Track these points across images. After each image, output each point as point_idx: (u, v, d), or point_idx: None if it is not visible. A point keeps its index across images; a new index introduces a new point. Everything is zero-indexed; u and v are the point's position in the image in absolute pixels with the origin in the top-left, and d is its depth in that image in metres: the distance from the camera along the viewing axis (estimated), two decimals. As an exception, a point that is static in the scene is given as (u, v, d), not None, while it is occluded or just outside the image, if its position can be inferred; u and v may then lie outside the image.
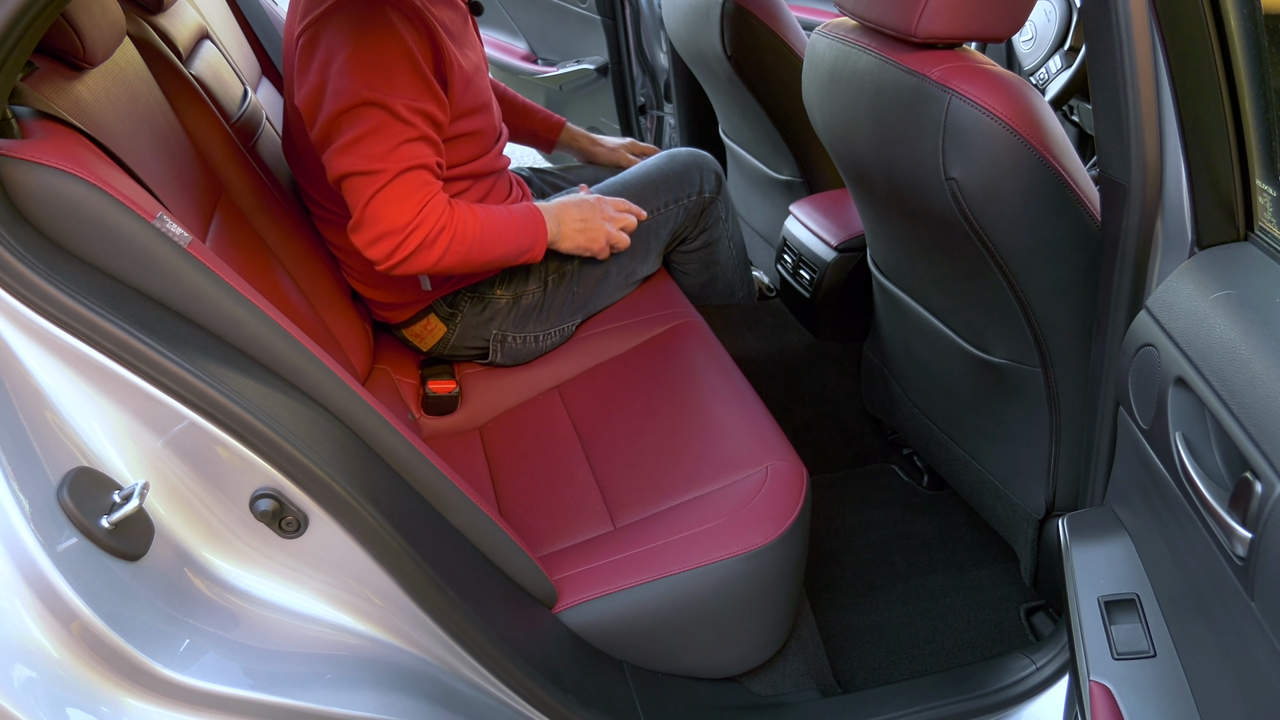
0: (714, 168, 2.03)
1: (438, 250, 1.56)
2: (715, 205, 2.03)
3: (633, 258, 1.95)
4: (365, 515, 1.06)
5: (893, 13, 1.34)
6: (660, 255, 2.03)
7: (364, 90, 1.47)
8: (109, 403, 0.97)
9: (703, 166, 2.02)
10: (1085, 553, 1.21)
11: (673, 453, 1.56)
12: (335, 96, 1.48)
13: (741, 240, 2.17)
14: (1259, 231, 1.06)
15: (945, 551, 1.87)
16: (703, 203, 2.01)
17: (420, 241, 1.53)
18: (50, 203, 0.95)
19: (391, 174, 1.49)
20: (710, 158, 2.06)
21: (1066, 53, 2.11)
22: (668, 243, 2.02)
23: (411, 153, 1.51)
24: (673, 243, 2.03)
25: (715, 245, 2.08)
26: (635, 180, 1.98)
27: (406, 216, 1.51)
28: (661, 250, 2.02)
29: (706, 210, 2.02)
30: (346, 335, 1.71)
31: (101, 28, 1.22)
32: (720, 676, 1.48)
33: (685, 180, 1.98)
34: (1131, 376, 1.13)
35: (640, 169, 2.02)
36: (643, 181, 1.97)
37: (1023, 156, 1.27)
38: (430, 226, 1.53)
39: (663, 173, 1.99)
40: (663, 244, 2.01)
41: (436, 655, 1.16)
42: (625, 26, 3.00)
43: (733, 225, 2.11)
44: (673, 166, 2.00)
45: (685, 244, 2.05)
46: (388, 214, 1.50)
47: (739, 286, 2.21)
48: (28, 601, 0.88)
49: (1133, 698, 1.07)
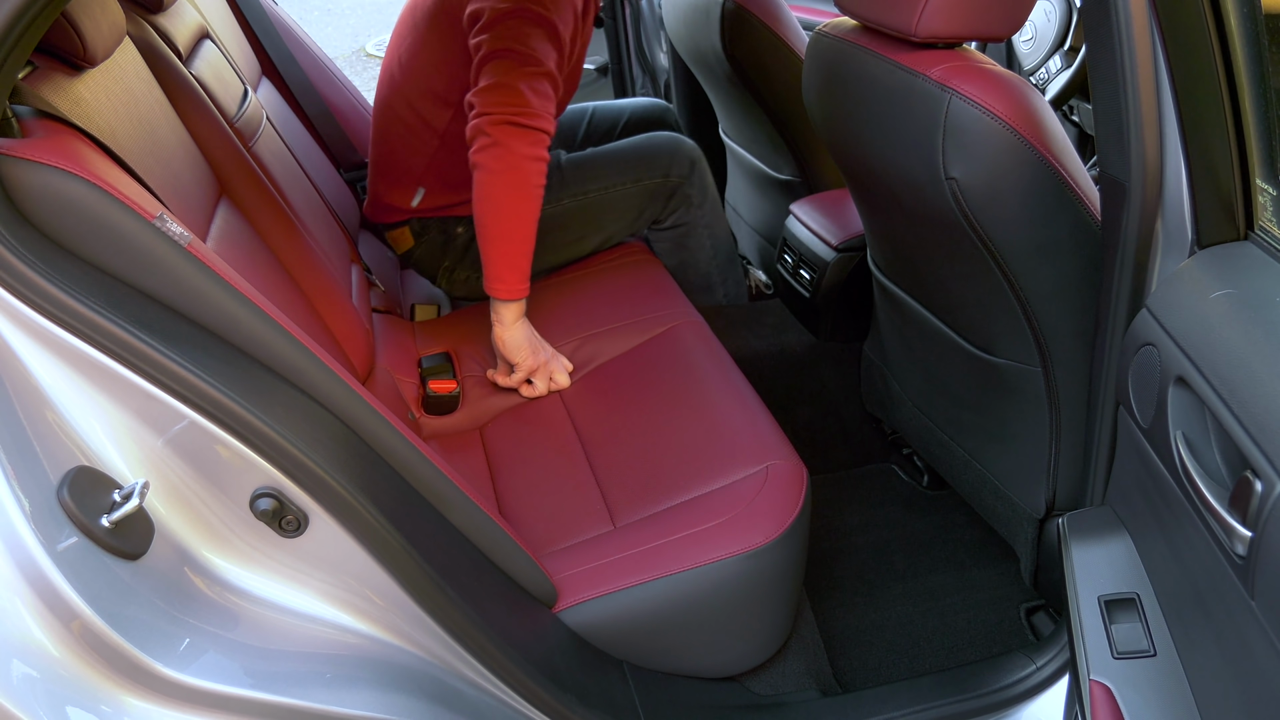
0: (690, 155, 2.09)
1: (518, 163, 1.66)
2: (684, 190, 2.10)
3: (583, 227, 2.09)
4: (365, 515, 1.06)
5: (893, 12, 1.34)
6: (624, 230, 2.14)
7: (533, 6, 1.68)
8: (109, 402, 0.97)
9: (675, 152, 2.09)
10: (1085, 552, 1.21)
11: (673, 452, 1.56)
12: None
13: (727, 239, 2.21)
14: (1259, 231, 1.06)
15: (945, 551, 1.87)
16: (668, 186, 2.08)
17: (523, 130, 1.65)
18: (50, 202, 0.95)
19: (535, 68, 1.67)
20: (690, 144, 2.12)
21: (1066, 53, 2.11)
22: (633, 221, 2.12)
23: (555, 63, 1.70)
24: (644, 221, 2.15)
25: (687, 231, 2.15)
26: (604, 152, 2.11)
27: (538, 105, 1.66)
28: (623, 227, 2.13)
29: (675, 194, 2.10)
30: (346, 335, 1.71)
31: (101, 28, 1.22)
32: (720, 676, 1.48)
33: (651, 162, 2.08)
34: (1131, 376, 1.13)
35: (617, 143, 2.15)
36: (610, 154, 2.10)
37: (1023, 156, 1.27)
38: (541, 126, 1.66)
39: (633, 150, 2.10)
40: (623, 222, 2.11)
41: (437, 655, 1.16)
42: (625, 26, 3.00)
43: (712, 218, 2.16)
44: (644, 146, 2.11)
45: (657, 224, 2.17)
46: (520, 89, 1.65)
47: (719, 283, 2.23)
48: (28, 600, 0.88)
49: (1133, 697, 1.07)
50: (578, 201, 2.07)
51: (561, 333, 1.92)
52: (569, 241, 2.11)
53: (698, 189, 2.12)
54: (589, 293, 2.07)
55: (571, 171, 2.08)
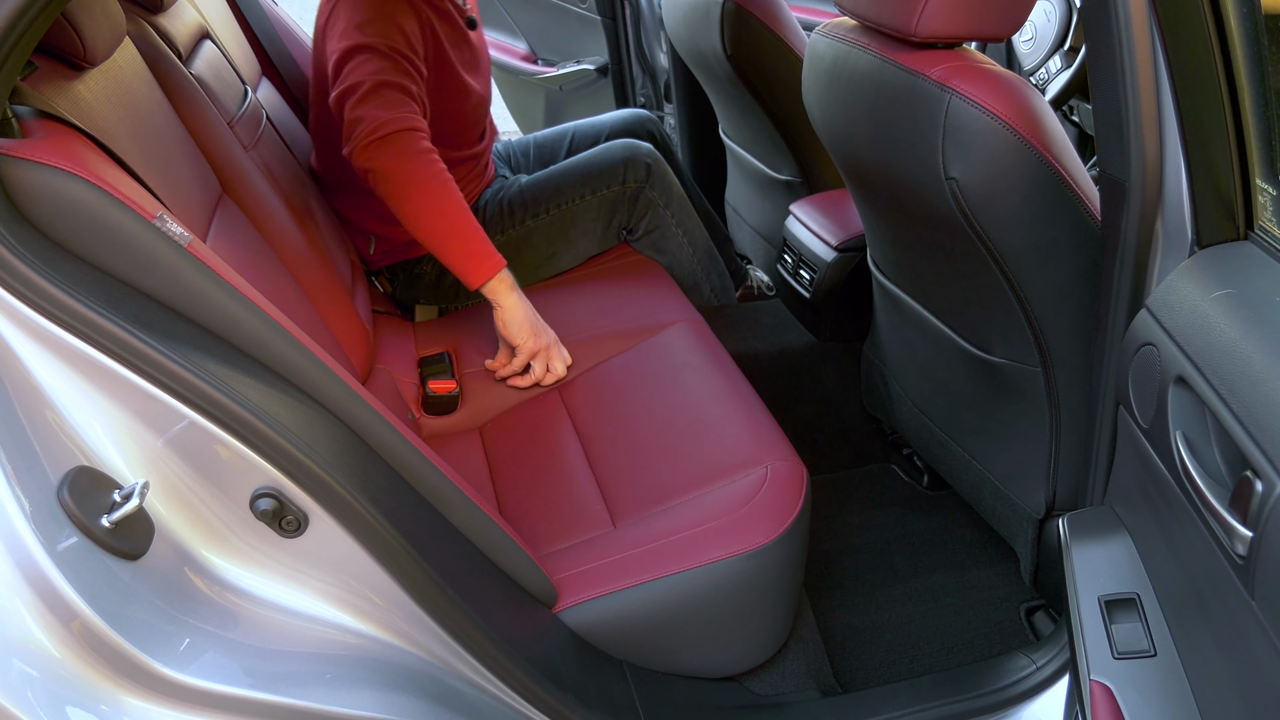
0: (644, 159, 2.13)
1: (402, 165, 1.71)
2: (646, 194, 2.14)
3: (551, 245, 2.13)
4: (365, 515, 1.06)
5: (892, 12, 1.34)
6: (595, 243, 2.17)
7: (362, 38, 1.73)
8: (109, 402, 0.97)
9: (629, 158, 2.12)
10: (1085, 552, 1.21)
11: (673, 452, 1.56)
12: (341, 41, 1.75)
13: (702, 234, 2.24)
14: (1259, 230, 1.06)
15: (945, 551, 1.87)
16: (628, 192, 2.13)
17: (388, 140, 1.69)
18: (50, 202, 0.95)
19: (373, 85, 1.72)
20: (645, 148, 2.16)
21: (1066, 53, 2.11)
22: (603, 231, 2.16)
23: (395, 73, 1.73)
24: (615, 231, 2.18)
25: (661, 234, 2.19)
26: (559, 169, 2.16)
27: (384, 114, 1.70)
28: (594, 240, 2.16)
29: (638, 199, 2.14)
30: (346, 335, 1.71)
31: (101, 28, 1.22)
32: (720, 676, 1.48)
33: (606, 172, 2.12)
34: (1131, 375, 1.13)
35: (570, 160, 2.19)
36: (566, 170, 2.15)
37: (1023, 156, 1.27)
38: (402, 133, 1.70)
39: (587, 163, 2.14)
40: (592, 235, 2.15)
41: (436, 655, 1.15)
42: (625, 26, 3.00)
43: (682, 215, 2.19)
44: (597, 158, 2.15)
45: (631, 233, 2.20)
46: (366, 113, 1.70)
47: (704, 280, 2.25)
48: (28, 600, 0.88)
49: (1133, 697, 1.07)
50: (540, 221, 2.12)
51: (561, 333, 1.92)
52: (540, 261, 2.14)
53: (660, 190, 2.15)
54: (588, 293, 2.07)
55: (531, 193, 2.12)
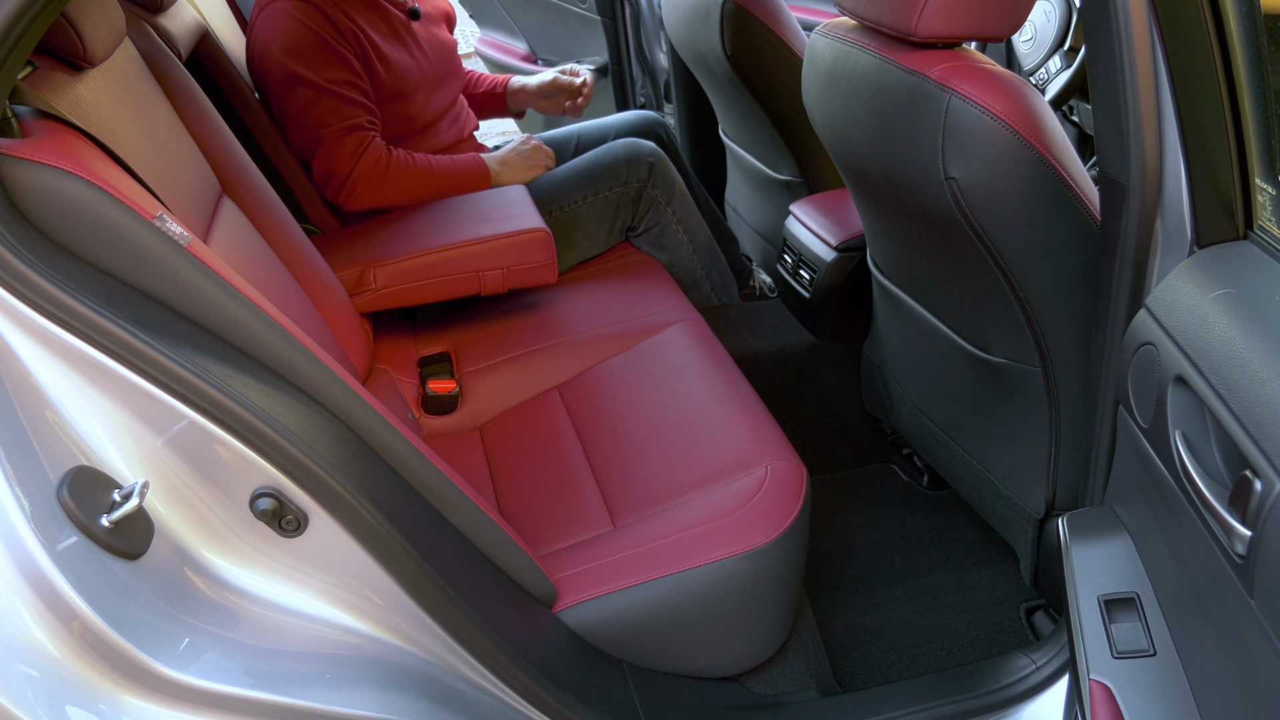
0: (647, 157, 2.14)
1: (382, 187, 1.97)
2: (649, 193, 2.16)
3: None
4: (365, 514, 1.06)
5: (892, 12, 1.34)
6: (599, 243, 2.20)
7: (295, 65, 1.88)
8: (109, 402, 0.97)
9: (632, 158, 2.14)
10: (1085, 552, 1.21)
11: (673, 452, 1.56)
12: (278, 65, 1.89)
13: (703, 231, 2.24)
14: (1258, 230, 1.06)
15: (945, 551, 1.87)
16: (631, 192, 2.14)
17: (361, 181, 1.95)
18: (50, 202, 0.95)
19: (330, 136, 1.93)
20: (648, 146, 2.17)
21: (1066, 53, 2.11)
22: (606, 232, 2.19)
23: (341, 114, 1.92)
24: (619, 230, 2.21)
25: (662, 231, 2.20)
26: (562, 173, 2.19)
27: (348, 165, 1.94)
28: (597, 241, 2.19)
29: (640, 198, 2.16)
30: (346, 335, 1.71)
31: (101, 28, 1.22)
32: (720, 676, 1.48)
33: (609, 173, 2.14)
34: (1131, 375, 1.13)
35: (573, 161, 2.22)
36: (568, 172, 2.18)
37: (1022, 156, 1.27)
38: (369, 168, 1.95)
39: (590, 164, 2.17)
40: (595, 236, 2.18)
41: (436, 654, 1.15)
42: (625, 26, 3.00)
43: (684, 213, 2.20)
44: (600, 159, 2.17)
45: (632, 230, 2.22)
46: (334, 166, 1.94)
47: (704, 280, 2.25)
48: (28, 600, 0.88)
49: (1133, 696, 1.07)
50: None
51: (561, 333, 1.92)
52: None
53: (662, 189, 2.16)
54: (588, 293, 2.07)
55: (535, 194, 2.12)
